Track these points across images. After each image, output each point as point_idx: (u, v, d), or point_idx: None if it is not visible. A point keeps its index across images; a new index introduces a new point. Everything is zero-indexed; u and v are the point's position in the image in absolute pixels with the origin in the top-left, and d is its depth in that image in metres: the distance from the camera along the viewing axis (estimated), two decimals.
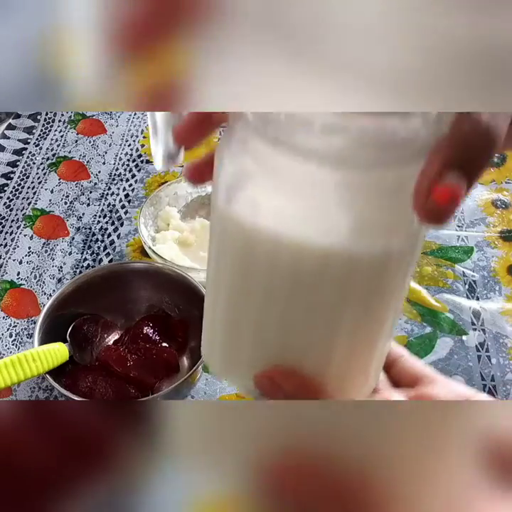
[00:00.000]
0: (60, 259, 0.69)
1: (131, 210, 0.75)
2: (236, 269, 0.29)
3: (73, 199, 0.76)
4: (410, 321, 0.62)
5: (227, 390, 0.55)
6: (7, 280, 0.66)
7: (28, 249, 0.70)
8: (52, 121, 0.88)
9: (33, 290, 0.65)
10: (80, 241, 0.71)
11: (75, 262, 0.68)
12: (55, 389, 0.48)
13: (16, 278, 0.66)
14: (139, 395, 0.52)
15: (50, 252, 0.69)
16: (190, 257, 0.63)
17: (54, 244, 0.70)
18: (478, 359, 0.60)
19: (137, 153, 0.82)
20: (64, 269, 0.67)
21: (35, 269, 0.67)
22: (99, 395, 0.51)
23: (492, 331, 0.62)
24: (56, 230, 0.72)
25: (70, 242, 0.71)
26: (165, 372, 0.54)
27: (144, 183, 0.78)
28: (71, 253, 0.69)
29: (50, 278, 0.66)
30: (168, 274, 0.57)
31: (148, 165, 0.80)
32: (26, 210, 0.75)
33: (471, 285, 0.66)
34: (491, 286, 0.66)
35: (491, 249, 0.69)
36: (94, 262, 0.68)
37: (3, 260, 0.68)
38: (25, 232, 0.72)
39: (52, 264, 0.68)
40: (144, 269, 0.58)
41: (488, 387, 0.58)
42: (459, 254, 0.69)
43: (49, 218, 0.74)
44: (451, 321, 0.63)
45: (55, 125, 0.87)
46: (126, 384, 0.52)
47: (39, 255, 0.69)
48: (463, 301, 0.64)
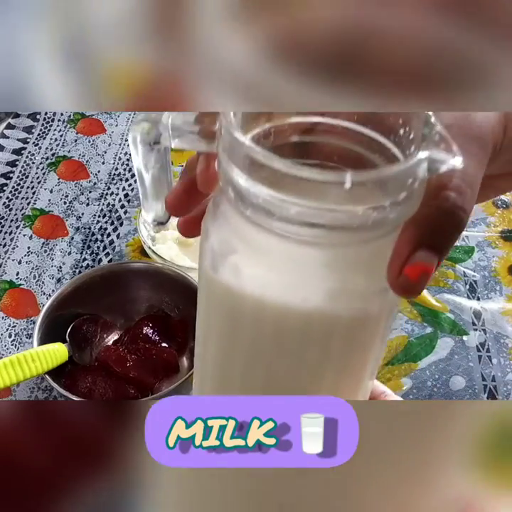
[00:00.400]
0: (60, 259, 0.68)
1: (131, 209, 0.74)
2: (223, 329, 0.30)
3: (72, 199, 0.76)
4: (411, 321, 0.62)
5: None
6: (6, 280, 0.66)
7: (27, 249, 0.70)
8: (52, 121, 0.88)
9: (33, 290, 0.65)
10: (79, 241, 0.71)
11: (75, 262, 0.68)
12: (55, 389, 0.48)
13: (15, 278, 0.66)
14: (139, 395, 0.51)
15: (50, 252, 0.69)
16: (189, 257, 0.63)
17: (53, 244, 0.70)
18: (479, 359, 0.60)
19: None
20: (63, 269, 0.67)
21: (35, 269, 0.67)
22: (98, 395, 0.50)
23: (493, 331, 0.62)
24: (55, 230, 0.72)
25: (69, 242, 0.70)
26: (165, 373, 0.54)
27: None
28: (70, 253, 0.69)
29: (49, 278, 0.66)
30: (168, 274, 0.57)
31: None
32: (25, 210, 0.74)
33: (471, 285, 0.66)
34: (491, 286, 0.66)
35: (492, 249, 0.69)
36: (93, 262, 0.68)
37: (3, 260, 0.68)
38: (24, 232, 0.72)
39: (51, 264, 0.68)
40: (144, 269, 0.58)
41: (489, 387, 0.58)
42: (460, 254, 0.69)
43: (48, 218, 0.74)
44: (451, 321, 0.62)
45: (54, 125, 0.87)
46: (125, 384, 0.52)
47: (38, 255, 0.69)
48: (463, 301, 0.64)
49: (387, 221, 0.24)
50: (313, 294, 0.26)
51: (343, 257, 0.26)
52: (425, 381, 0.56)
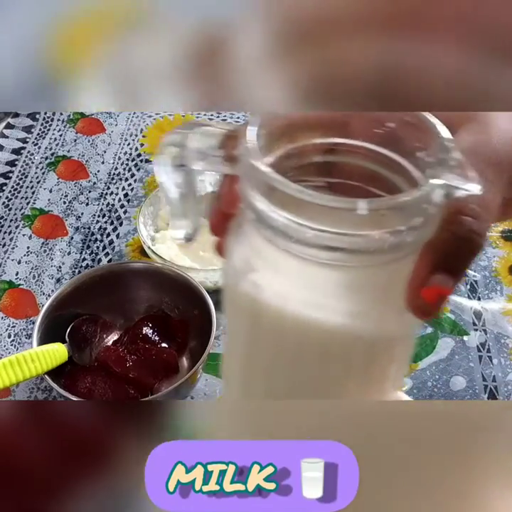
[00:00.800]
0: (59, 259, 0.68)
1: (131, 209, 0.74)
2: (246, 338, 0.32)
3: (72, 198, 0.76)
4: None
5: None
6: (6, 280, 0.66)
7: (26, 249, 0.69)
8: (51, 121, 0.88)
9: (32, 290, 0.65)
10: (78, 241, 0.70)
11: (74, 262, 0.68)
12: (54, 389, 0.48)
13: (15, 278, 0.66)
14: (139, 395, 0.51)
15: (49, 251, 0.69)
16: (189, 257, 0.63)
17: (53, 244, 0.70)
18: (480, 359, 0.60)
19: (136, 153, 0.82)
20: (63, 269, 0.67)
21: (34, 269, 0.67)
22: (98, 395, 0.50)
23: (493, 332, 0.62)
24: (55, 230, 0.72)
25: (68, 242, 0.70)
26: (164, 373, 0.54)
27: (143, 183, 0.78)
28: (70, 253, 0.69)
29: (48, 278, 0.66)
30: (168, 274, 0.57)
31: (148, 164, 0.80)
32: (25, 210, 0.74)
33: (472, 285, 0.66)
34: (492, 287, 0.66)
35: (493, 249, 0.69)
36: (93, 261, 0.68)
37: (2, 260, 0.68)
38: (23, 232, 0.72)
39: (51, 264, 0.68)
40: (144, 269, 0.58)
41: (490, 387, 0.58)
42: None
43: (48, 218, 0.73)
44: (452, 321, 0.62)
45: (53, 124, 0.87)
46: (125, 384, 0.51)
47: (38, 255, 0.69)
48: (464, 301, 0.64)
49: (404, 245, 0.24)
50: (333, 314, 0.27)
51: (362, 279, 0.26)
52: (425, 381, 0.56)
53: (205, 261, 0.63)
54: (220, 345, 0.59)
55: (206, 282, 0.59)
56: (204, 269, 0.60)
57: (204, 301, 0.53)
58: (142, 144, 0.84)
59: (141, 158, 0.81)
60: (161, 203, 0.67)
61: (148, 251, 0.61)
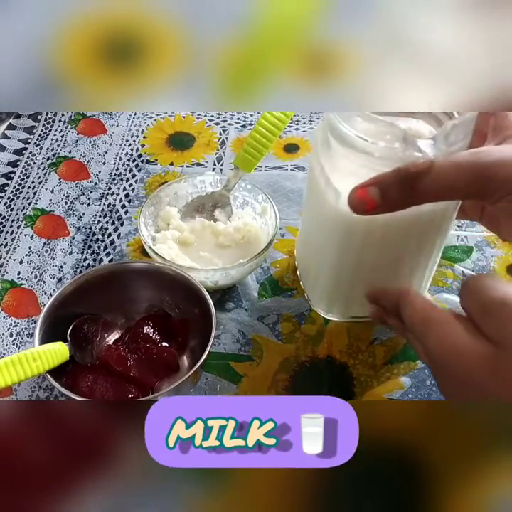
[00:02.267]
0: (61, 258, 0.69)
1: (132, 209, 0.75)
2: (337, 235, 0.49)
3: (73, 199, 0.76)
4: None
5: (227, 389, 0.56)
6: (7, 280, 0.66)
7: (28, 249, 0.70)
8: (53, 121, 0.88)
9: (34, 290, 0.65)
10: (80, 241, 0.71)
11: (75, 262, 0.68)
12: (56, 388, 0.48)
13: (17, 278, 0.67)
14: (139, 394, 0.52)
15: (51, 251, 0.70)
16: (190, 256, 0.63)
17: (54, 244, 0.70)
18: None
19: (137, 153, 0.83)
20: (64, 268, 0.68)
21: (36, 268, 0.68)
22: (99, 394, 0.51)
23: None
24: (56, 230, 0.72)
25: (70, 242, 0.71)
26: (165, 372, 0.54)
27: (144, 183, 0.78)
28: (71, 253, 0.69)
29: (50, 278, 0.67)
30: (169, 274, 0.57)
31: (149, 165, 0.81)
32: (27, 210, 0.75)
33: None
34: None
35: (491, 248, 0.69)
36: (94, 261, 0.68)
37: (4, 260, 0.69)
38: (25, 232, 0.72)
39: (52, 263, 0.68)
40: (144, 269, 0.58)
41: None
42: (459, 253, 0.69)
43: (49, 218, 0.74)
44: None
45: (55, 125, 0.87)
46: (126, 383, 0.52)
47: (39, 255, 0.69)
48: None
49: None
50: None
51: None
52: (424, 380, 0.56)
53: (205, 261, 0.63)
54: (220, 344, 0.59)
55: (206, 282, 0.60)
56: (204, 269, 0.60)
57: (204, 300, 0.53)
58: (143, 145, 0.84)
59: (142, 159, 0.82)
60: (162, 204, 0.68)
61: (149, 251, 0.62)
